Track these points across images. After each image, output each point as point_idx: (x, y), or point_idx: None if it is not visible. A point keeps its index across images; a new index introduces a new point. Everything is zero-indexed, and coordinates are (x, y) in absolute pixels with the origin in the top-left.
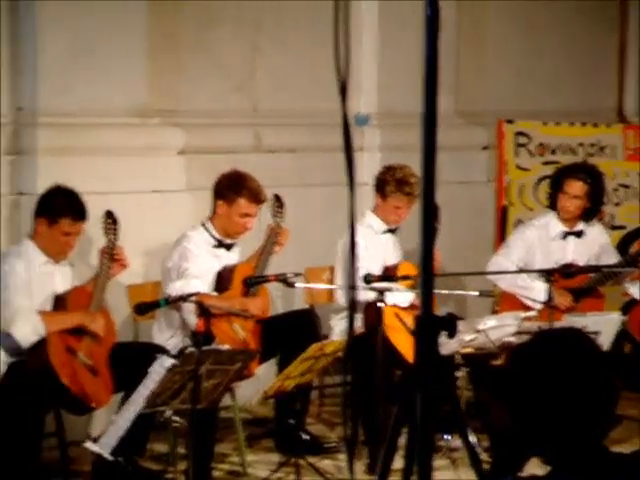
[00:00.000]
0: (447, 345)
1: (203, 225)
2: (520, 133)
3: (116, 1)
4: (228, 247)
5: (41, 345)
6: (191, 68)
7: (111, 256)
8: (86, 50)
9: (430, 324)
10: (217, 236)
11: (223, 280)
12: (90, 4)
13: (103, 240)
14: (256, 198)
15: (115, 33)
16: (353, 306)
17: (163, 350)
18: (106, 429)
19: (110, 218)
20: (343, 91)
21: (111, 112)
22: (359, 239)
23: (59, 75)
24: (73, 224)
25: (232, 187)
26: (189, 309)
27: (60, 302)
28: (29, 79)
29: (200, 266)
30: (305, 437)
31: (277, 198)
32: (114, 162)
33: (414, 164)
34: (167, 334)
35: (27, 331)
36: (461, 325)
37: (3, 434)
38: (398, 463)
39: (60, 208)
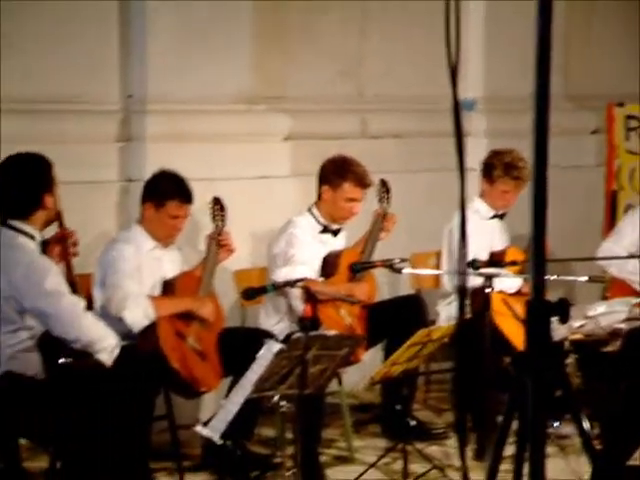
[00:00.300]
0: (557, 331)
1: (309, 211)
2: (631, 117)
3: None
4: (334, 233)
5: (151, 329)
6: (298, 54)
7: (218, 242)
8: (194, 38)
9: (542, 309)
10: (323, 222)
11: (329, 266)
12: None
13: (211, 226)
14: (361, 182)
15: (222, 20)
16: (463, 292)
17: (271, 335)
18: (215, 413)
19: (218, 204)
20: (454, 77)
21: (218, 99)
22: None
23: (167, 63)
24: (180, 207)
25: (337, 171)
26: (295, 295)
27: (169, 287)
28: (138, 67)
29: (306, 252)
30: (412, 423)
31: (383, 183)
32: (221, 148)
33: (520, 149)
34: (274, 319)
35: (138, 315)
36: (571, 311)
37: (115, 417)
38: (509, 450)
39: (166, 192)
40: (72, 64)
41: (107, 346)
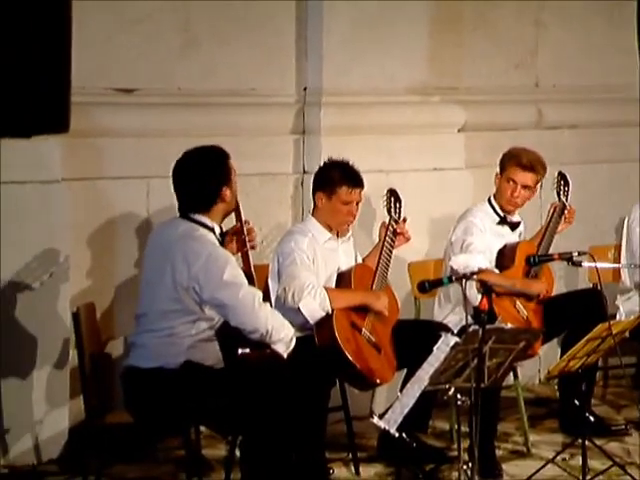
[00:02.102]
0: None
1: (488, 201)
2: None
3: None
4: (512, 226)
5: (327, 321)
6: (472, 45)
7: (394, 233)
8: (369, 30)
9: None
10: (501, 213)
11: (505, 258)
12: None
13: (386, 218)
14: (524, 166)
15: (397, 12)
16: None
17: (446, 328)
18: (391, 405)
19: (393, 196)
20: None
21: (392, 90)
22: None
23: (342, 55)
24: (351, 192)
25: (504, 160)
26: (471, 286)
27: (344, 279)
28: (314, 60)
29: (484, 241)
30: (591, 418)
31: (562, 176)
32: (396, 140)
33: None
34: (447, 311)
35: (315, 307)
36: None
37: (291, 407)
38: None
39: (335, 179)
40: (249, 58)
41: (284, 337)
